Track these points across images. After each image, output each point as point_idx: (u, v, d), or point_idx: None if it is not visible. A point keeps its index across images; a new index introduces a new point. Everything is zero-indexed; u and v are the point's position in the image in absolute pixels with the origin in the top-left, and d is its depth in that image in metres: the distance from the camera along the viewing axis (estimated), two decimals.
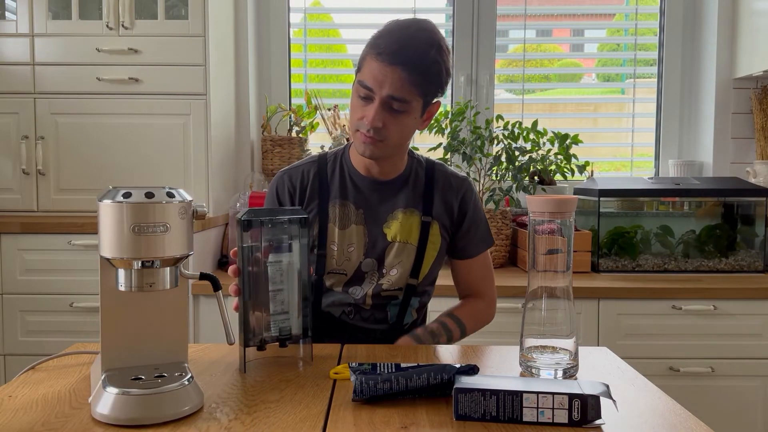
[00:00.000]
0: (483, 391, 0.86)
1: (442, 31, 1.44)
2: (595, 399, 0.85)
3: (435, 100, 1.30)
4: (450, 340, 1.38)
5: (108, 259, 0.88)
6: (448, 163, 2.34)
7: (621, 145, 2.86)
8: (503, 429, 0.84)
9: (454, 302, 2.04)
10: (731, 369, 2.04)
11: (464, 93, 2.70)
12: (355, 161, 1.38)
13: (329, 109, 2.60)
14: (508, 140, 2.32)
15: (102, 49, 2.16)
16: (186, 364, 0.98)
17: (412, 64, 1.19)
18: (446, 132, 2.35)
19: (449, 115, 2.36)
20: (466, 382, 0.89)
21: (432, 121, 2.33)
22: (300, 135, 2.59)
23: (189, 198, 0.91)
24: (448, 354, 1.25)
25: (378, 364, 0.99)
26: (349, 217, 1.35)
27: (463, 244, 1.43)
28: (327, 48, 2.85)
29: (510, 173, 2.31)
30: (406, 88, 1.21)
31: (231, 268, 1.09)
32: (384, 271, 1.36)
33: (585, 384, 0.88)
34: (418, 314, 1.45)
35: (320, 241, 1.35)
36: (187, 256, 0.92)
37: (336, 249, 1.35)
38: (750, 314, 2.04)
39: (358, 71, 1.27)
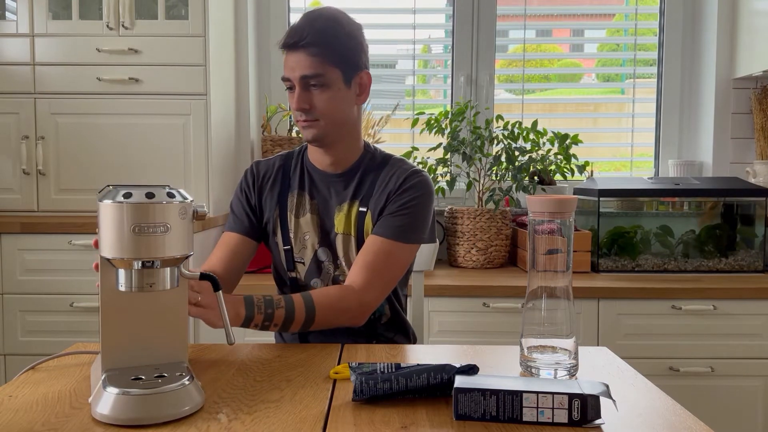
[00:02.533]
0: (483, 391, 0.86)
1: (442, 31, 1.45)
2: (595, 399, 0.85)
3: (358, 71, 1.34)
4: (287, 324, 1.20)
5: (108, 260, 0.88)
6: (449, 163, 2.34)
7: (621, 145, 2.86)
8: (503, 429, 0.85)
9: (454, 302, 2.06)
10: (731, 369, 2.04)
11: (464, 93, 2.70)
12: (311, 155, 1.43)
13: None
14: (508, 140, 2.32)
15: (102, 49, 2.16)
16: (186, 364, 0.98)
17: (306, 41, 1.27)
18: (446, 132, 2.35)
19: (449, 115, 2.36)
20: (466, 382, 0.89)
21: (432, 121, 2.34)
22: (300, 135, 2.59)
23: (189, 198, 0.91)
24: (448, 354, 1.25)
25: (378, 364, 0.99)
26: (304, 206, 1.40)
27: (378, 223, 1.35)
28: None
29: (510, 173, 2.31)
30: (313, 63, 1.28)
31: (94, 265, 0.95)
32: (339, 262, 1.39)
33: (585, 384, 0.88)
34: (390, 310, 1.43)
35: (284, 236, 1.40)
36: (187, 257, 0.92)
37: (293, 237, 1.40)
38: (750, 314, 2.04)
39: None
